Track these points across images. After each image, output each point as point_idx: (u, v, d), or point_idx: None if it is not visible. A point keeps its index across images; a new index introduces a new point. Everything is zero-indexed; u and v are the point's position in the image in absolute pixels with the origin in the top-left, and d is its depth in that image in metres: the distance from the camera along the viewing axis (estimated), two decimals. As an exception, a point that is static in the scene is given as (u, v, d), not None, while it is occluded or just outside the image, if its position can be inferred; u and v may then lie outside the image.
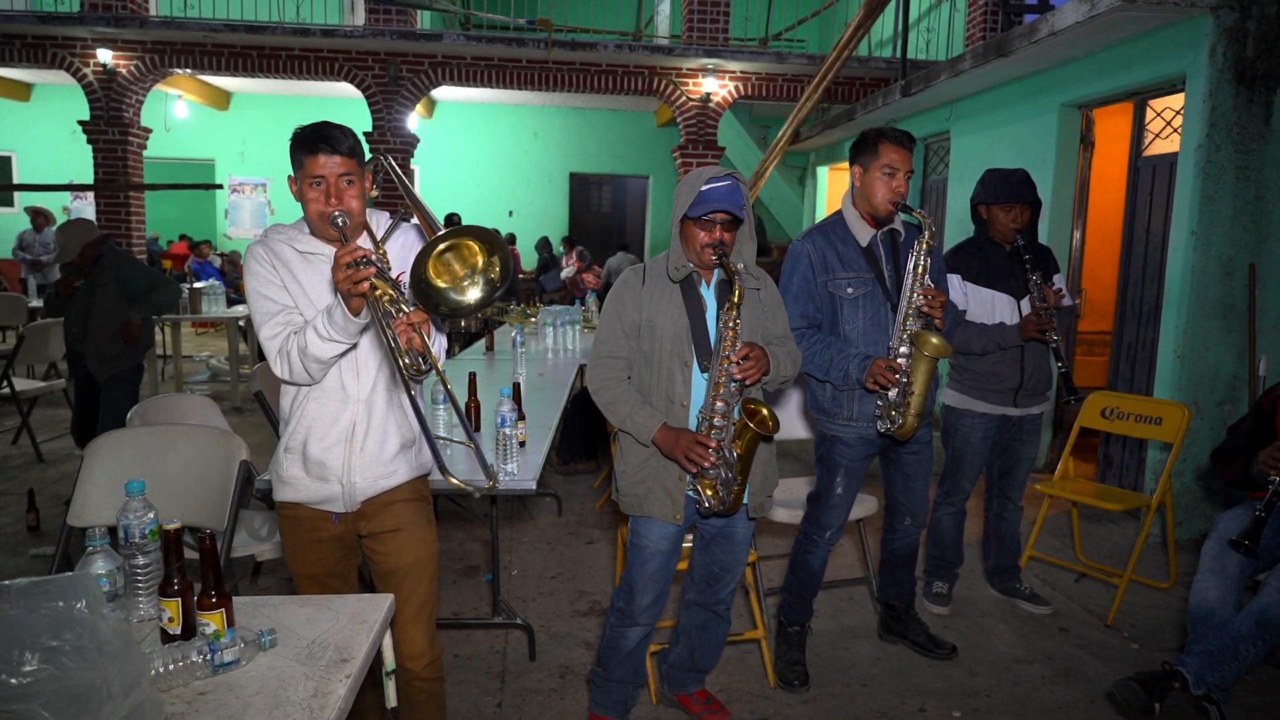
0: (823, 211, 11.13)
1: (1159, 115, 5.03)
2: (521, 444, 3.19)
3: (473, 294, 1.89)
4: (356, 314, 1.94)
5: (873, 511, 3.48)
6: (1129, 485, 5.03)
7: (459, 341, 7.59)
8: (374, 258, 1.92)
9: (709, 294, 2.49)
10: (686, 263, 2.44)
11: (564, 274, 12.32)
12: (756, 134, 12.83)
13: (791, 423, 3.66)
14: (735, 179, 2.39)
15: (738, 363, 2.33)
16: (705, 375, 2.43)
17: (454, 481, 1.83)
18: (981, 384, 3.51)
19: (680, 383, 2.44)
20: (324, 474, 2.16)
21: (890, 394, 2.84)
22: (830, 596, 3.86)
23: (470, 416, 3.43)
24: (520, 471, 2.92)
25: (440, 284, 1.86)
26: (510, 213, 14.52)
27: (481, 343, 5.98)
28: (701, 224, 2.36)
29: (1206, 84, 4.40)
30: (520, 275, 12.46)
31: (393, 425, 2.19)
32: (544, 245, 12.89)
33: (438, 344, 2.17)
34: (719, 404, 2.37)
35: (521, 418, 3.24)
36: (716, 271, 2.50)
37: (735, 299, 2.34)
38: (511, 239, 11.78)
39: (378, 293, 1.90)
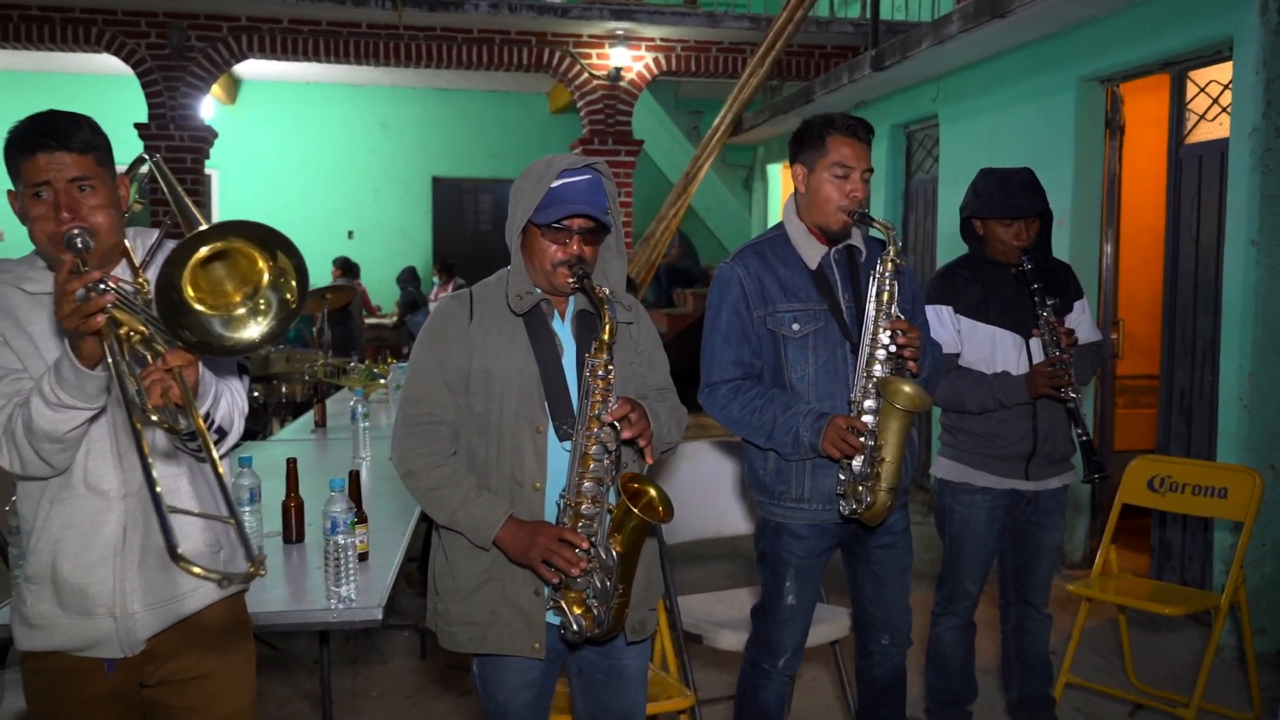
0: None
1: (1203, 91, 5.31)
2: (362, 557, 3.14)
3: (253, 328, 1.86)
4: (93, 364, 1.91)
5: (847, 631, 3.52)
6: (1193, 581, 5.18)
7: (278, 414, 7.46)
8: (117, 284, 1.89)
9: (564, 330, 2.52)
10: (533, 288, 2.46)
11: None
12: (685, 123, 13.07)
13: (729, 511, 3.69)
14: (596, 171, 2.43)
15: (613, 425, 2.34)
16: (566, 445, 2.44)
17: (196, 571, 1.75)
18: (982, 448, 3.60)
19: (531, 456, 2.44)
20: (87, 607, 2.12)
21: (854, 463, 2.90)
22: (799, 752, 3.87)
23: (291, 521, 3.38)
24: (361, 596, 2.88)
25: (201, 308, 1.82)
26: (350, 233, 14.40)
27: (309, 415, 5.90)
28: (552, 234, 2.39)
29: (1259, 50, 4.66)
30: (370, 319, 12.34)
31: (188, 521, 2.15)
32: (409, 278, 12.78)
33: (225, 403, 2.14)
34: (588, 484, 2.37)
35: (362, 520, 3.20)
36: (573, 300, 2.52)
37: (606, 336, 2.35)
38: (354, 270, 11.66)
39: (122, 330, 1.88)
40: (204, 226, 1.77)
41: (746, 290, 2.99)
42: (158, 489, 1.85)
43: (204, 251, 1.77)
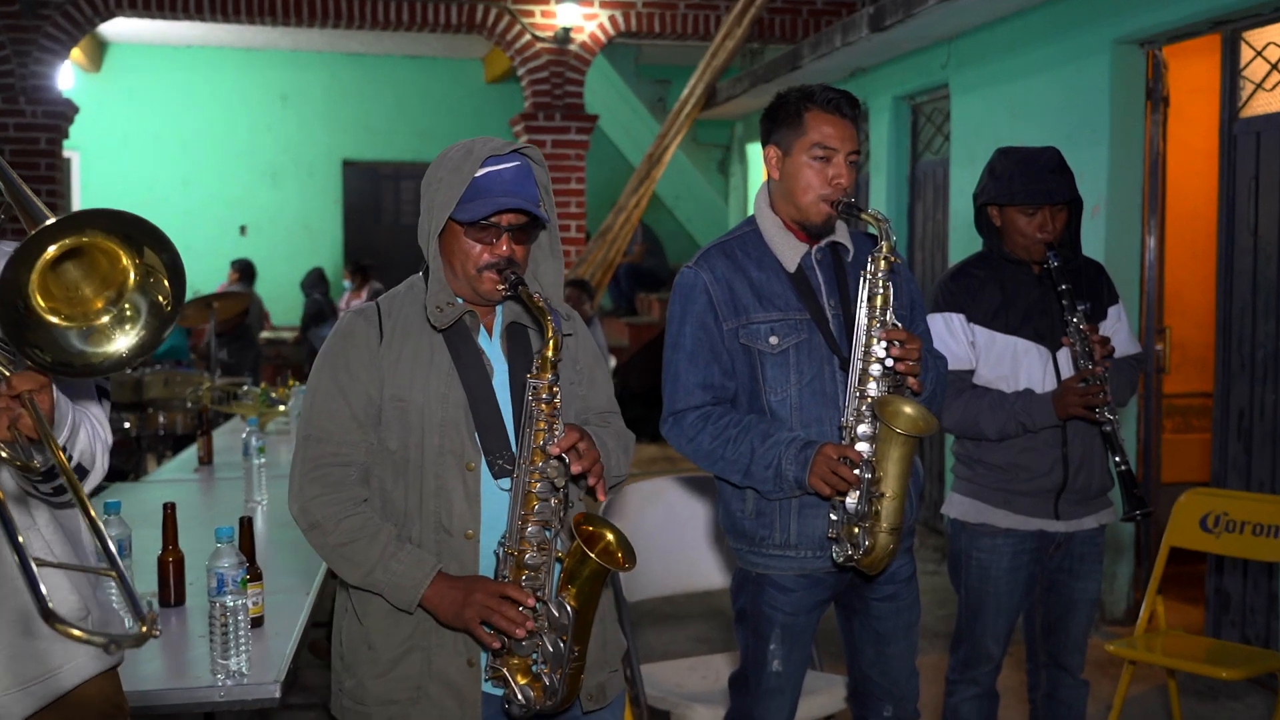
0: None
1: (1260, 55, 5.36)
2: (256, 622, 3.14)
3: (120, 340, 1.85)
4: None
5: (844, 703, 3.53)
6: (1255, 638, 5.20)
7: (154, 449, 7.39)
8: None
9: (493, 348, 2.53)
10: (455, 298, 2.47)
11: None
12: (649, 94, 13.10)
13: (701, 561, 3.68)
14: (525, 157, 2.46)
15: (560, 459, 2.34)
16: (504, 483, 2.45)
17: (75, 634, 1.65)
18: (1004, 482, 3.61)
19: (461, 498, 2.45)
20: None
21: (848, 501, 2.89)
22: None
23: (169, 579, 3.37)
24: (255, 669, 2.86)
25: (55, 319, 1.79)
26: (243, 229, 14.34)
27: (192, 450, 5.86)
28: (478, 232, 2.41)
29: (1325, 7, 4.75)
30: (266, 334, 12.27)
31: (49, 582, 2.08)
32: (315, 281, 12.72)
33: (85, 434, 2.12)
34: (532, 528, 2.37)
35: (255, 577, 3.19)
36: (500, 311, 2.54)
37: (550, 353, 2.36)
38: (250, 271, 11.59)
39: None
40: (51, 220, 1.72)
41: (714, 299, 3.00)
42: (19, 537, 1.79)
43: (53, 251, 1.73)
